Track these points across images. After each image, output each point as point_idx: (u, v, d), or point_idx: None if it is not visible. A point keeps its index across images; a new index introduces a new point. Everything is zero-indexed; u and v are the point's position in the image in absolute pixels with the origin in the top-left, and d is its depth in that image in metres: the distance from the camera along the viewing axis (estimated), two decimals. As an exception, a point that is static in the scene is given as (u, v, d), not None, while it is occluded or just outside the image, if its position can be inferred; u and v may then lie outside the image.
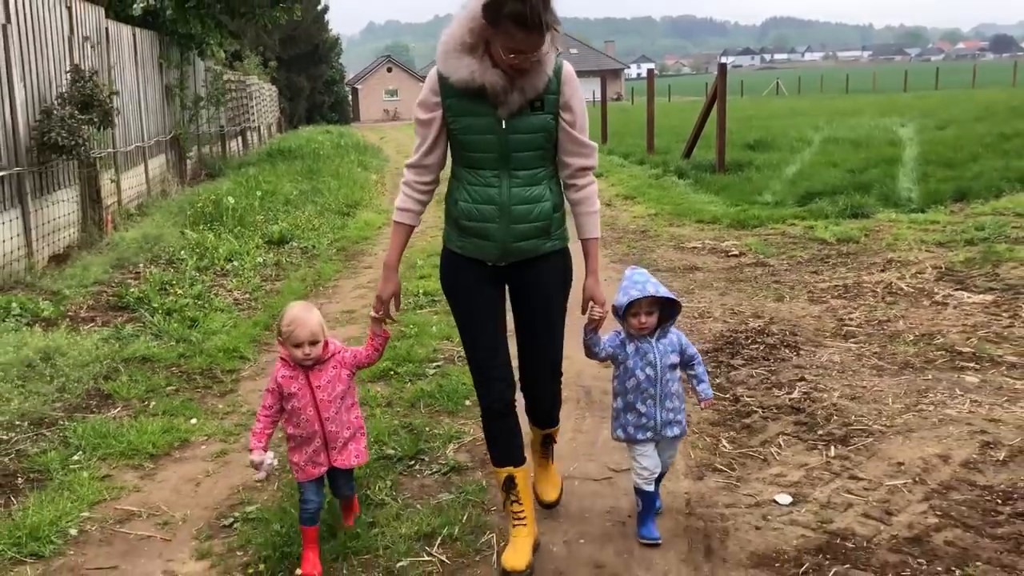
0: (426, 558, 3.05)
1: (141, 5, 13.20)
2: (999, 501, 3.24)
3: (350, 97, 66.41)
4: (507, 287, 3.04)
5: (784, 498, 3.33)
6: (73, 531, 3.30)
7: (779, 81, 72.52)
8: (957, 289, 6.46)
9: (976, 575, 2.78)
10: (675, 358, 3.11)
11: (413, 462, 3.85)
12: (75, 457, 3.93)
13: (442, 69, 2.80)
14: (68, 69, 8.84)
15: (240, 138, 22.41)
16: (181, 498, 3.62)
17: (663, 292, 3.05)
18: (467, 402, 4.48)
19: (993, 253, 7.31)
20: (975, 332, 5.36)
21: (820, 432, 3.97)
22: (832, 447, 3.80)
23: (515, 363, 3.09)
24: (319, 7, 48.71)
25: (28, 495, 3.57)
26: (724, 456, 3.79)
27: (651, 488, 3.11)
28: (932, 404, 4.24)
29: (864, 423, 4.04)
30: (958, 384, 4.51)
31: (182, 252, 8.33)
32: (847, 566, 2.88)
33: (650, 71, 17.53)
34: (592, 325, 3.05)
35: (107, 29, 10.88)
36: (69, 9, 9.30)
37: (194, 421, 4.40)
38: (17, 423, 4.26)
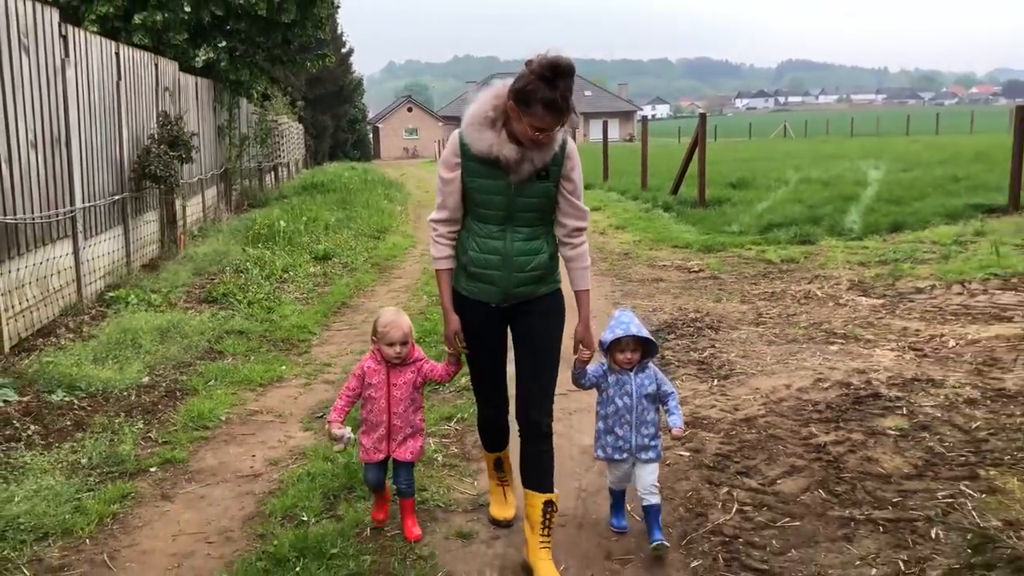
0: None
1: (203, 58, 15.26)
2: (809, 405, 5.11)
3: (371, 135, 68.78)
4: (510, 325, 3.45)
5: (674, 402, 5.22)
6: (223, 417, 5.22)
7: (787, 124, 74.66)
8: (859, 295, 8.33)
9: (777, 435, 4.65)
10: (651, 389, 3.54)
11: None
12: (210, 383, 5.86)
13: (465, 138, 3.21)
14: (158, 114, 10.89)
15: (273, 173, 24.55)
16: (285, 405, 5.53)
17: (643, 333, 3.51)
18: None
19: (898, 270, 9.17)
20: (853, 321, 7.23)
21: (712, 373, 5.86)
22: (716, 380, 5.70)
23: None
24: (344, 50, 51.33)
25: (187, 400, 5.50)
26: (645, 386, 5.68)
27: (621, 489, 3.67)
28: (796, 360, 6.12)
29: (743, 369, 5.93)
30: (822, 351, 6.37)
31: (247, 264, 10.28)
32: (703, 431, 4.75)
33: (644, 117, 19.55)
34: (580, 365, 3.49)
35: (179, 80, 12.98)
36: (156, 65, 11.39)
37: (283, 367, 6.33)
38: (166, 363, 6.20)
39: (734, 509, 3.82)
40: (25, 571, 3.40)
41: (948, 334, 6.61)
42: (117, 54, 9.58)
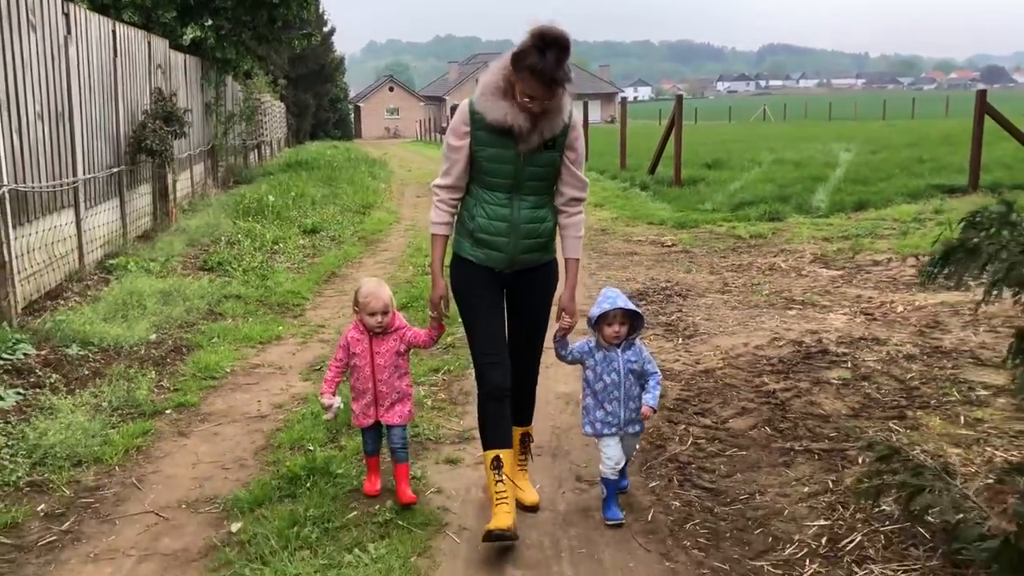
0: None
1: (190, 36, 15.54)
2: (764, 360, 5.63)
3: (352, 115, 68.74)
4: (508, 291, 3.53)
5: (641, 357, 5.72)
6: (228, 369, 5.67)
7: (766, 108, 75.30)
8: (820, 268, 8.86)
9: (732, 383, 5.16)
10: (637, 366, 3.58)
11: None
12: (213, 340, 6.30)
13: (478, 107, 3.28)
14: (151, 90, 11.24)
15: (257, 151, 24.83)
16: (284, 360, 5.98)
17: (630, 306, 3.54)
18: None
19: (859, 245, 9.72)
20: (812, 290, 7.76)
21: (677, 334, 6.37)
22: (681, 339, 6.21)
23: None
24: (326, 29, 51.34)
25: (193, 354, 5.94)
26: (616, 344, 6.18)
27: (615, 477, 3.59)
28: (756, 322, 6.64)
29: (706, 330, 6.44)
30: (781, 315, 6.89)
31: (239, 236, 10.67)
32: (666, 380, 5.25)
33: (623, 99, 20.02)
34: (561, 332, 3.55)
35: (170, 57, 13.29)
36: (149, 43, 11.72)
37: (281, 328, 6.78)
38: (171, 323, 6.63)
39: (689, 442, 4.33)
40: (65, 490, 3.85)
41: (898, 301, 7.16)
42: (114, 31, 9.92)
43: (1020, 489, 2.72)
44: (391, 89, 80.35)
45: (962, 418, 4.46)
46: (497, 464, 3.43)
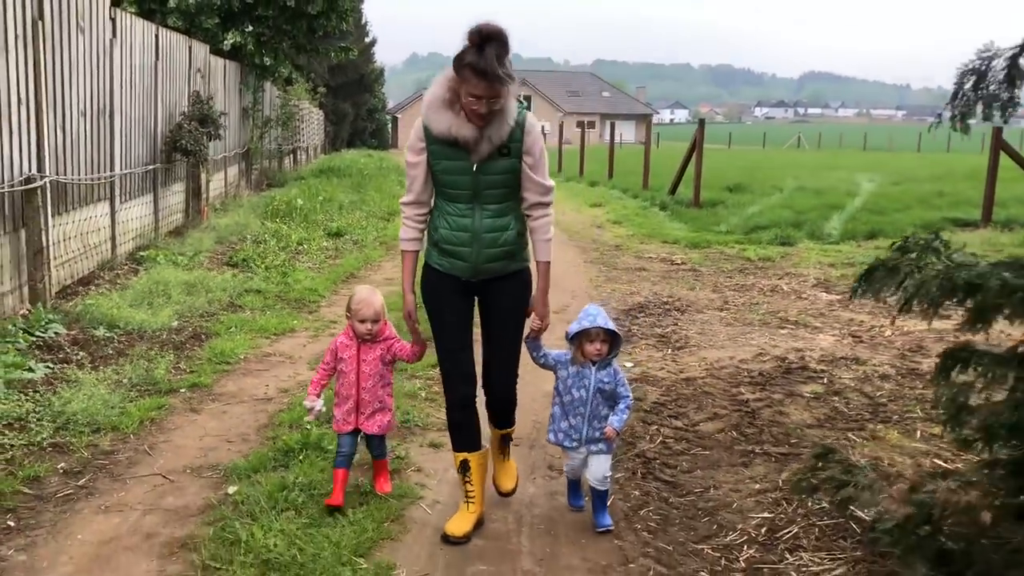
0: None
1: (231, 42, 16.11)
2: (745, 372, 5.92)
3: (390, 125, 69.66)
4: (477, 300, 3.56)
5: (629, 363, 6.05)
6: (241, 356, 6.07)
7: (801, 135, 75.21)
8: (821, 291, 9.12)
9: (709, 391, 5.47)
10: (609, 387, 3.60)
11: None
12: (231, 329, 6.71)
13: (425, 121, 3.31)
14: (190, 93, 11.76)
15: (292, 156, 25.44)
16: (295, 350, 6.37)
17: (611, 325, 3.58)
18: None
19: (861, 272, 9.95)
20: (808, 312, 8.03)
21: (668, 345, 6.68)
22: (670, 350, 6.52)
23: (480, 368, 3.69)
24: (367, 39, 52.20)
25: (211, 341, 6.35)
26: (608, 352, 6.50)
27: (575, 477, 3.78)
28: (745, 338, 6.93)
29: (697, 343, 6.75)
30: (772, 333, 7.18)
31: (265, 236, 11.12)
32: (648, 385, 5.58)
33: (648, 120, 20.37)
34: (533, 334, 3.60)
35: (210, 62, 13.84)
36: (190, 48, 12.26)
37: (295, 322, 7.17)
38: (193, 312, 7.06)
39: (658, 440, 4.65)
40: (83, 452, 4.25)
41: (887, 325, 7.42)
42: (156, 36, 10.44)
43: (918, 481, 3.02)
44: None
45: (919, 432, 4.74)
46: (464, 467, 3.59)
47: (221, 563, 3.20)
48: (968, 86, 2.62)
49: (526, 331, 3.64)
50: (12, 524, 3.54)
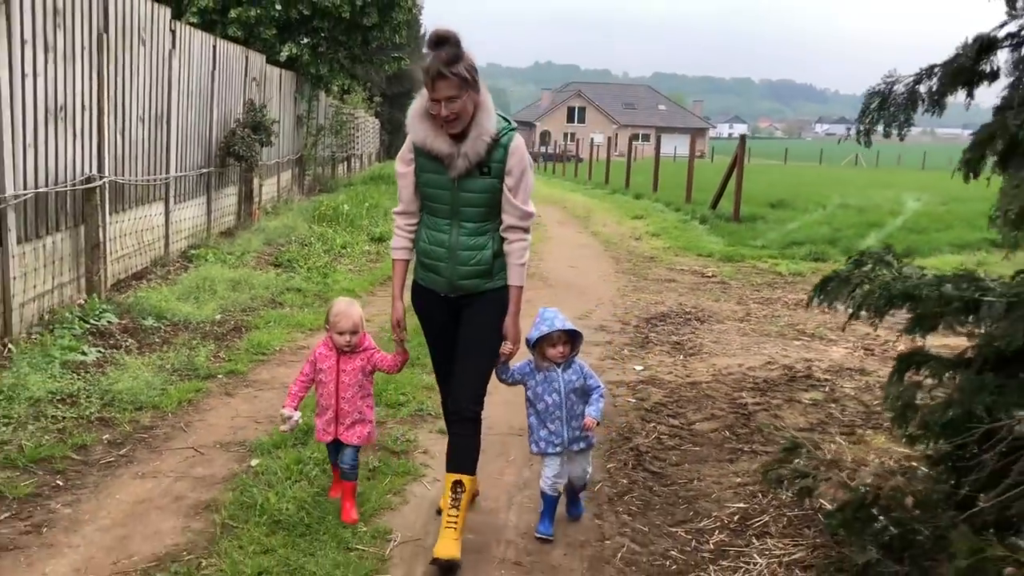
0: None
1: (287, 52, 16.75)
2: (750, 379, 6.19)
3: (444, 134, 70.28)
4: (459, 316, 3.53)
5: (639, 366, 6.36)
6: (277, 348, 6.51)
7: (858, 153, 74.27)
8: (842, 305, 9.29)
9: (711, 395, 5.75)
10: (578, 384, 3.65)
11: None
12: (269, 324, 7.17)
13: (408, 131, 3.39)
14: (245, 101, 12.35)
15: (346, 163, 26.13)
16: (327, 345, 6.78)
17: (568, 326, 3.62)
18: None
19: (890, 289, 10.10)
20: (826, 325, 8.24)
21: (682, 351, 6.97)
22: (682, 356, 6.81)
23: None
24: (424, 50, 53.00)
25: (250, 333, 6.81)
26: (625, 355, 6.80)
27: (554, 494, 3.69)
28: (758, 348, 7.18)
29: (710, 350, 7.02)
30: (786, 344, 7.42)
31: (311, 238, 11.64)
32: (653, 387, 5.88)
33: (693, 135, 20.52)
34: (503, 358, 3.56)
35: (266, 72, 14.46)
36: (246, 58, 12.87)
37: (330, 319, 7.60)
38: (236, 307, 7.54)
39: (653, 436, 4.96)
40: (126, 426, 4.71)
41: (901, 340, 7.60)
42: (214, 47, 11.03)
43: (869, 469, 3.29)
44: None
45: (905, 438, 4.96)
46: (457, 487, 3.42)
47: (238, 522, 3.60)
48: (873, 106, 2.91)
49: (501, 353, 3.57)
50: (60, 483, 3.99)
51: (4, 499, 3.77)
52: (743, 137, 16.44)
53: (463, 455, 3.50)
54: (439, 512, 3.64)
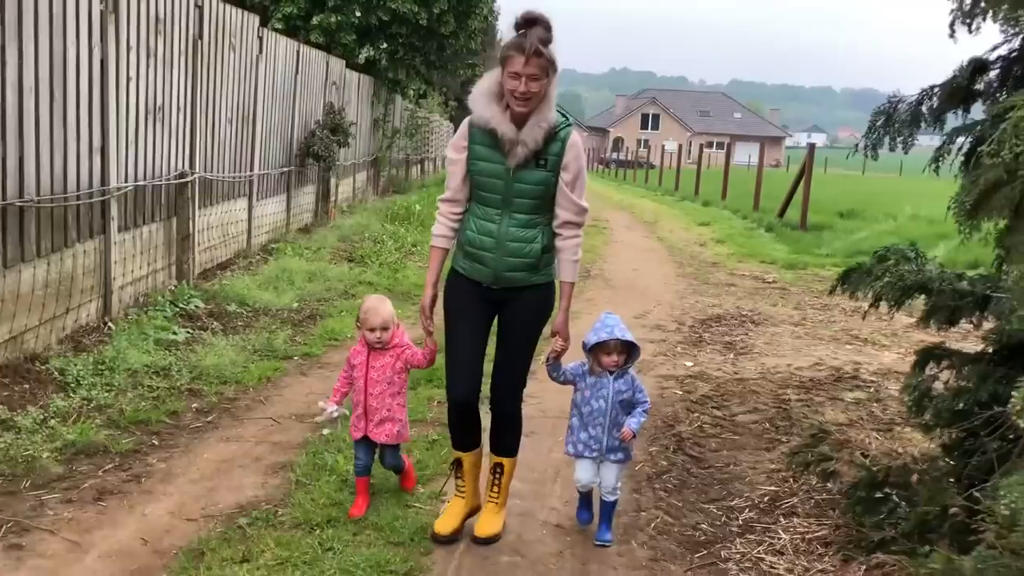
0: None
1: (365, 56, 17.38)
2: (796, 377, 6.41)
3: (518, 139, 70.93)
4: (497, 311, 3.55)
5: (689, 362, 6.64)
6: (349, 335, 6.97)
7: (937, 165, 72.41)
8: (902, 314, 9.38)
9: (756, 390, 6.01)
10: (627, 395, 3.61)
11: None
12: (342, 313, 7.64)
13: (471, 106, 3.36)
14: (324, 104, 12.96)
15: (419, 165, 26.80)
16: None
17: (628, 337, 3.58)
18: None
19: (951, 298, 10.15)
20: (881, 331, 8.37)
21: (732, 351, 7.22)
22: (733, 355, 7.06)
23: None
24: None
25: (324, 320, 7.30)
26: (677, 352, 7.09)
27: (586, 489, 3.74)
28: (809, 350, 7.38)
29: (760, 351, 7.26)
30: (838, 348, 7.60)
31: (383, 236, 12.15)
32: (701, 382, 6.16)
33: (763, 141, 20.56)
34: (553, 355, 3.57)
35: (345, 76, 15.07)
36: (327, 62, 13.47)
37: (399, 310, 8.01)
38: (311, 296, 8.06)
39: (696, 425, 5.25)
40: (213, 397, 5.21)
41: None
42: (297, 51, 11.64)
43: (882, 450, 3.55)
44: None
45: (941, 436, 5.16)
46: (457, 465, 3.68)
47: (310, 480, 4.03)
48: (879, 123, 3.19)
49: (547, 352, 3.67)
50: (156, 443, 4.49)
51: (109, 453, 4.27)
52: (811, 146, 16.50)
53: (504, 441, 3.69)
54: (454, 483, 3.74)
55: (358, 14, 16.86)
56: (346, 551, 3.38)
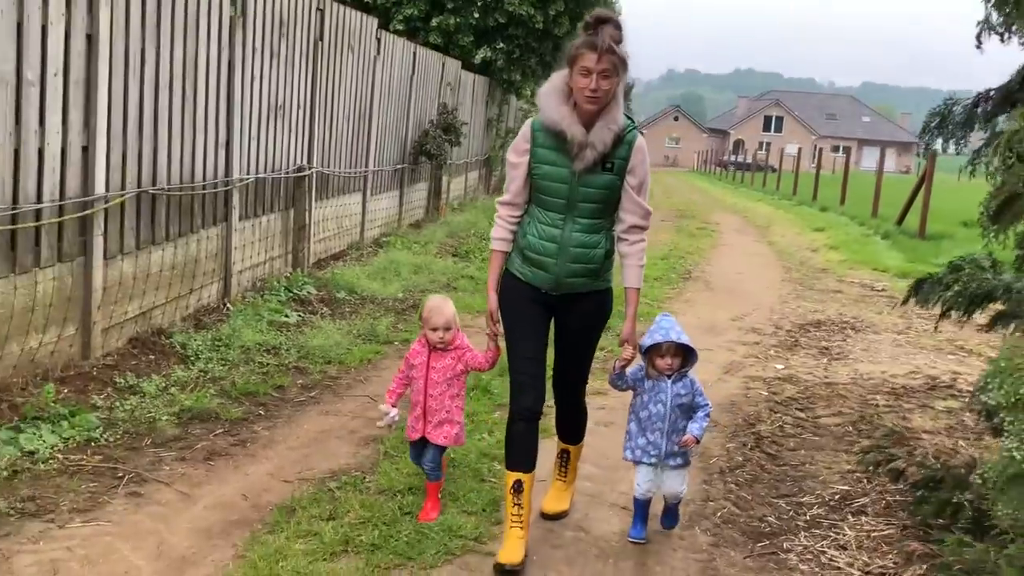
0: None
1: (481, 57, 17.80)
2: (888, 384, 6.36)
3: (635, 140, 70.75)
4: (554, 314, 3.48)
5: (780, 365, 6.68)
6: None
7: (1086, 174, 68.31)
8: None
9: (844, 394, 6.01)
10: (686, 399, 3.52)
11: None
12: (443, 304, 7.99)
13: (540, 105, 3.32)
14: (438, 104, 13.40)
15: (534, 165, 27.18)
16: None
17: (683, 340, 3.48)
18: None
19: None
20: (989, 343, 8.14)
21: (827, 356, 7.20)
22: (827, 360, 7.04)
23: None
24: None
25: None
26: (770, 355, 7.12)
27: (644, 499, 3.67)
28: (907, 358, 7.28)
29: (856, 357, 7.21)
30: (938, 357, 7.46)
31: (489, 233, 12.48)
32: (789, 384, 6.20)
33: (883, 149, 19.99)
34: (621, 363, 3.51)
35: (460, 76, 15.50)
36: (443, 63, 13.92)
37: (498, 304, 8.36)
38: (416, 287, 8.45)
39: (776, 425, 5.32)
40: (316, 375, 5.61)
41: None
42: (414, 53, 12.10)
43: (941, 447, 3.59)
44: (676, 119, 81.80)
45: (1032, 448, 5.07)
46: (517, 487, 3.41)
47: (397, 452, 4.34)
48: (933, 125, 3.24)
49: (615, 361, 3.60)
50: (262, 413, 4.90)
51: (219, 419, 4.70)
52: (933, 153, 15.92)
53: (569, 429, 3.84)
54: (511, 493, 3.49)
55: (476, 16, 17.29)
56: (423, 516, 3.67)
